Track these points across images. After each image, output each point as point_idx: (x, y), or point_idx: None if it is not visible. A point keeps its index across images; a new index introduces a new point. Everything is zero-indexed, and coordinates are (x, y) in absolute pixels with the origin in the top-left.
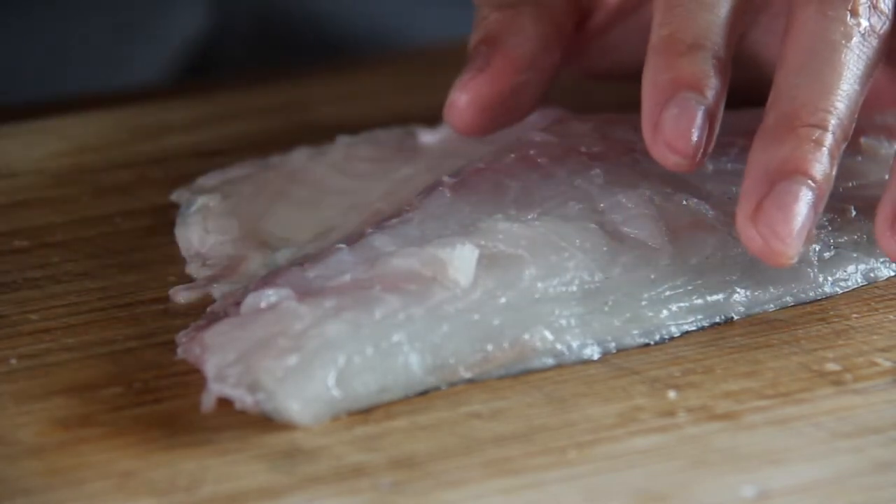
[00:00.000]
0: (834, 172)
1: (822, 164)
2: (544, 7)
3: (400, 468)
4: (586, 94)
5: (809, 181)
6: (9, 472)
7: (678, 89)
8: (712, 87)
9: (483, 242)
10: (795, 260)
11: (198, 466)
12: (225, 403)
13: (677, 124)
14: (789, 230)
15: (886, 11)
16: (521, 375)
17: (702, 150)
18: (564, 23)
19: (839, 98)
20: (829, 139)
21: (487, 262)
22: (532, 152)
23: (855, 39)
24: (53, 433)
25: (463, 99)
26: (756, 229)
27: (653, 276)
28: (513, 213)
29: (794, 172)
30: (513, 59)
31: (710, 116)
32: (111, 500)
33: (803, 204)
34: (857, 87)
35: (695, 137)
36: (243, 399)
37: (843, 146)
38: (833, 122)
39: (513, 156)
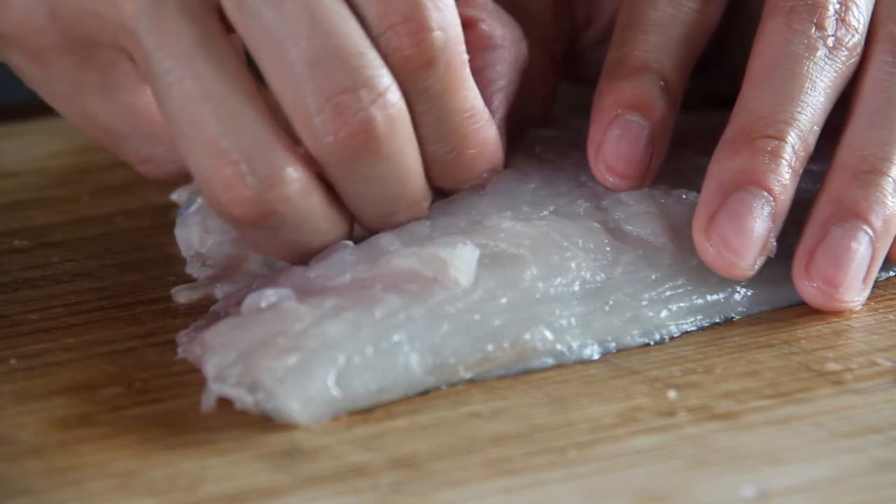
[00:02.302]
0: (794, 184)
1: (778, 176)
2: (533, 39)
3: (400, 468)
4: (582, 92)
5: (764, 192)
6: (9, 472)
7: (621, 111)
8: (657, 108)
9: (485, 242)
10: (752, 272)
11: (198, 466)
12: (225, 403)
13: (617, 146)
14: (742, 242)
15: (856, 25)
16: (521, 375)
17: (643, 172)
18: (556, 48)
19: (800, 110)
20: (787, 150)
21: (489, 261)
22: (538, 149)
23: (820, 52)
24: (53, 433)
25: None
26: (709, 241)
27: (654, 277)
28: (526, 209)
29: (747, 184)
30: (511, 104)
31: (653, 138)
32: (111, 500)
33: (757, 216)
34: (821, 98)
35: (635, 159)
36: (243, 399)
37: (806, 157)
38: (792, 133)
39: (520, 154)
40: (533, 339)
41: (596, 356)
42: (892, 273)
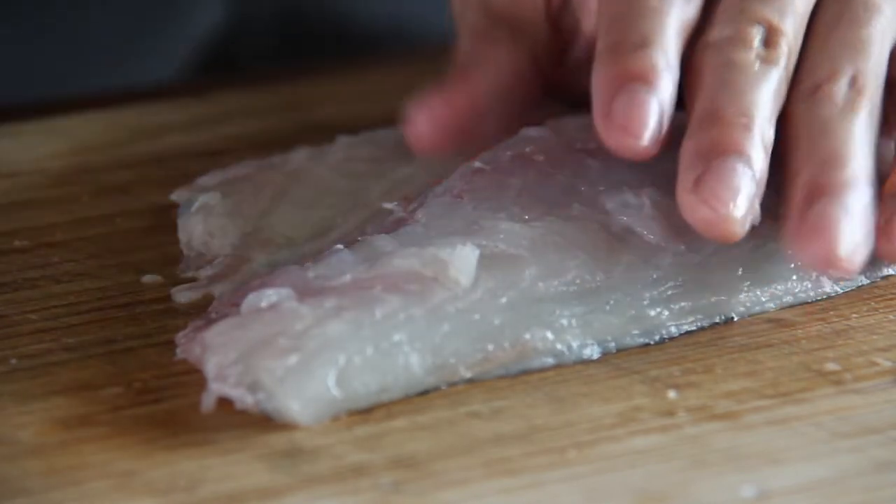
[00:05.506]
0: (766, 159)
1: (753, 144)
2: (522, 41)
3: (400, 468)
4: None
5: (744, 157)
6: (9, 472)
7: (626, 82)
8: (664, 79)
9: (484, 242)
10: (744, 231)
11: (198, 466)
12: (225, 403)
13: (628, 109)
14: (732, 194)
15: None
16: (521, 375)
17: (656, 135)
18: (543, 56)
19: (757, 101)
20: (756, 124)
21: (488, 261)
22: (528, 149)
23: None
24: (53, 433)
25: (419, 118)
26: (698, 198)
27: (654, 276)
28: (517, 211)
29: (728, 151)
30: (474, 85)
31: (661, 106)
32: (111, 500)
33: (743, 175)
34: (769, 93)
35: (648, 121)
36: (243, 399)
37: (769, 143)
38: (758, 114)
39: (510, 153)
40: (533, 339)
41: (596, 356)
42: (892, 272)
